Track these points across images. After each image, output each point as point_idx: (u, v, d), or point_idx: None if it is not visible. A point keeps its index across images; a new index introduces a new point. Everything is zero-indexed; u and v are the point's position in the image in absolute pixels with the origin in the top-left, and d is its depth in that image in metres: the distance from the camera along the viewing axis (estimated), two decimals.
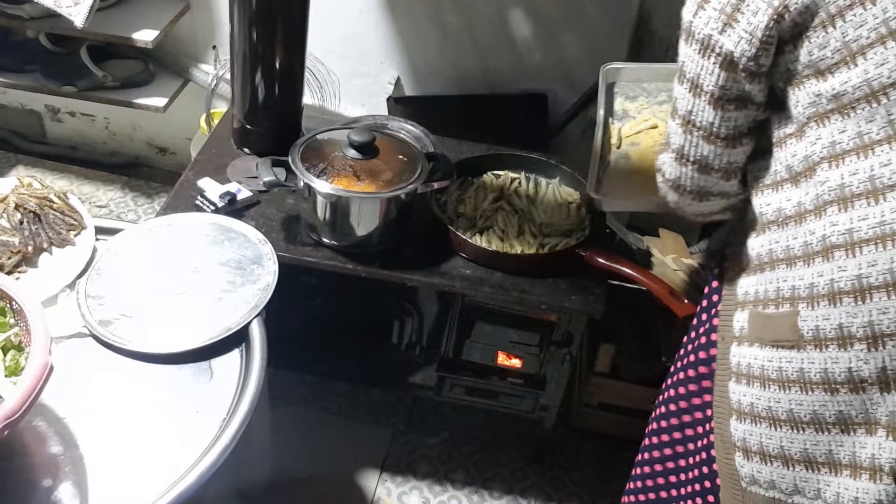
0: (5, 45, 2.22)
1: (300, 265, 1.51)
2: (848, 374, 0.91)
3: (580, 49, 1.99)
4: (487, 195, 1.64)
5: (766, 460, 1.02)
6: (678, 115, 1.00)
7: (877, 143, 0.86)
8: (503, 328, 1.60)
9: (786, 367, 0.96)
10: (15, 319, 1.02)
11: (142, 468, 1.04)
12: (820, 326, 0.92)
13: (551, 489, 1.85)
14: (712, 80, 0.94)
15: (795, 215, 0.95)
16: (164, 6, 2.12)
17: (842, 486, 0.96)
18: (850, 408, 0.93)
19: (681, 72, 0.98)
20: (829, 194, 0.90)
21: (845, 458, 0.95)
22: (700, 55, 0.93)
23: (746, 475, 1.06)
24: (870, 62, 0.84)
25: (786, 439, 0.99)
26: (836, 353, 0.91)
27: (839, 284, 0.89)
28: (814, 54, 0.88)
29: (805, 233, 0.93)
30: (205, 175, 1.65)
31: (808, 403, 0.95)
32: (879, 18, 0.83)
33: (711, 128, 0.97)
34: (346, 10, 2.04)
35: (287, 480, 1.78)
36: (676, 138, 1.01)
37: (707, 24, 0.91)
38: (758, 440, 1.02)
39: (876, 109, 0.85)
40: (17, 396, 0.88)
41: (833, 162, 0.89)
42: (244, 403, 1.12)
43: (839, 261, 0.89)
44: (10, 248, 1.29)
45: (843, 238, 0.89)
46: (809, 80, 0.90)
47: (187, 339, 1.20)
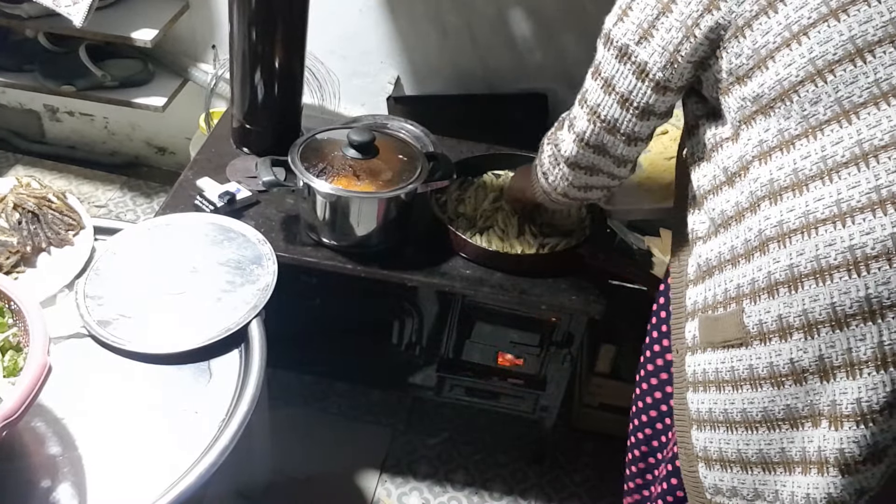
0: (4, 44, 2.21)
1: (300, 265, 1.51)
2: (791, 366, 0.93)
3: (580, 49, 1.99)
4: (487, 195, 1.63)
5: (726, 467, 1.04)
6: (587, 105, 1.08)
7: (796, 138, 0.90)
8: (503, 328, 1.59)
9: (737, 366, 0.99)
10: (13, 320, 1.02)
11: (141, 469, 1.04)
12: (762, 320, 0.94)
13: (551, 490, 1.84)
14: (624, 84, 1.02)
15: (735, 215, 0.99)
16: (164, 5, 2.12)
17: (795, 485, 0.98)
18: (796, 400, 0.94)
19: (596, 69, 1.06)
20: (760, 190, 0.94)
21: (796, 454, 0.97)
22: (617, 60, 1.02)
23: (710, 485, 1.08)
24: (779, 64, 0.90)
25: (742, 441, 1.01)
26: (779, 344, 0.93)
27: (775, 276, 0.92)
28: (732, 63, 0.94)
29: (745, 230, 0.97)
30: (204, 175, 1.64)
31: (758, 400, 0.97)
32: (783, 24, 0.89)
33: (615, 123, 1.07)
34: (346, 10, 2.04)
35: (286, 481, 1.78)
36: (581, 123, 1.10)
37: (625, 34, 1.00)
38: (717, 447, 1.04)
39: (790, 107, 0.90)
40: (16, 397, 0.88)
41: (762, 159, 0.94)
42: (243, 404, 1.11)
43: (773, 252, 0.92)
44: (8, 248, 1.29)
45: (776, 230, 0.92)
46: (734, 86, 0.96)
47: (186, 339, 1.19)
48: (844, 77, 0.86)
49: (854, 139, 0.86)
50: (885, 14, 0.85)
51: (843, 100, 0.87)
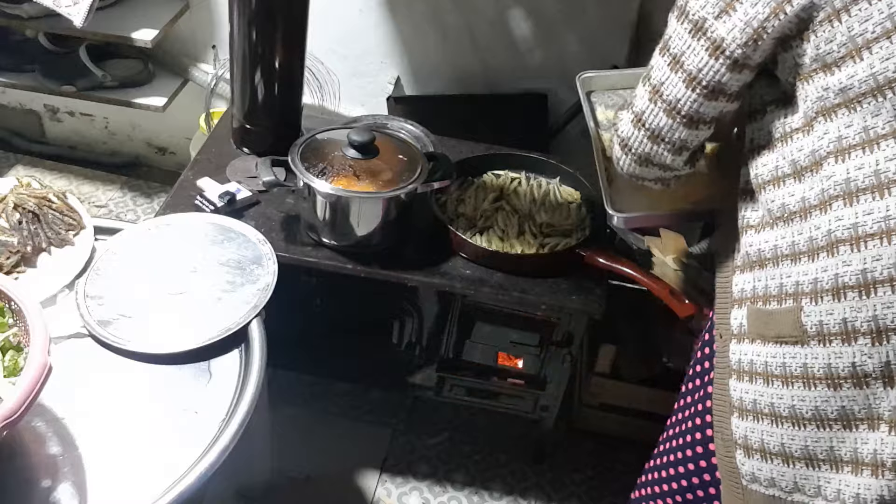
0: (4, 44, 2.21)
1: (300, 265, 1.51)
2: (852, 369, 0.91)
3: (580, 49, 1.99)
4: (487, 195, 1.63)
5: (766, 458, 1.02)
6: (649, 83, 1.01)
7: (882, 138, 0.86)
8: (503, 328, 1.59)
9: (789, 363, 0.96)
10: (14, 319, 1.02)
11: (141, 469, 1.04)
12: (824, 321, 0.92)
13: (552, 489, 1.84)
14: (695, 61, 0.94)
15: (800, 210, 0.95)
16: (164, 6, 2.12)
17: (843, 483, 0.96)
18: (853, 403, 0.93)
19: (665, 43, 0.98)
20: (834, 189, 0.90)
21: (847, 454, 0.95)
22: (690, 35, 0.94)
23: (747, 473, 1.05)
24: (875, 56, 0.85)
25: (787, 436, 0.99)
26: (840, 347, 0.91)
27: (843, 279, 0.89)
28: (820, 48, 0.88)
29: (810, 228, 0.93)
30: (204, 175, 1.64)
31: (810, 399, 0.95)
32: (885, 13, 0.83)
33: (677, 104, 0.98)
34: (345, 10, 2.04)
35: (286, 481, 1.78)
36: (640, 102, 1.03)
37: (704, 6, 0.92)
38: (759, 437, 1.02)
39: (881, 104, 0.86)
40: (16, 397, 0.88)
41: (839, 156, 0.89)
42: (243, 404, 1.11)
43: (844, 255, 0.89)
44: (8, 248, 1.29)
45: (848, 232, 0.89)
46: (817, 74, 0.90)
47: (187, 339, 1.19)
48: None
49: None
50: None
51: None
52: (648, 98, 1.01)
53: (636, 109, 1.03)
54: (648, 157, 1.06)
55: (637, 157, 1.07)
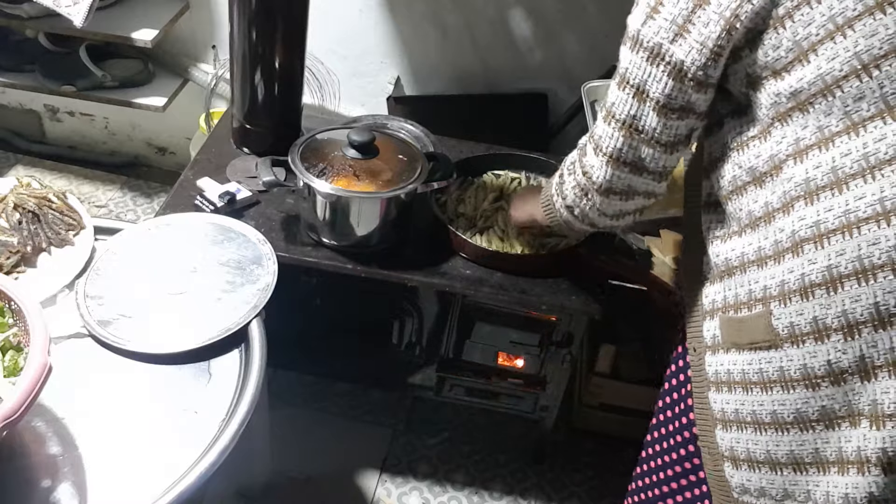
0: (4, 44, 2.21)
1: (300, 265, 1.51)
2: (828, 367, 0.91)
3: (580, 48, 1.99)
4: (487, 195, 1.63)
5: (754, 467, 1.02)
6: (616, 120, 1.00)
7: (836, 135, 0.88)
8: (503, 328, 1.59)
9: (766, 368, 0.97)
10: (14, 319, 1.02)
11: (141, 469, 1.04)
12: (794, 322, 0.92)
13: (552, 490, 1.84)
14: (659, 87, 0.95)
15: (764, 216, 0.96)
16: (164, 6, 2.12)
17: (830, 485, 0.96)
18: (833, 401, 0.93)
19: (623, 77, 0.98)
20: (795, 190, 0.91)
21: (832, 454, 0.96)
22: (648, 63, 0.94)
23: (737, 485, 1.06)
24: (821, 58, 0.86)
25: (771, 443, 0.99)
26: (814, 346, 0.91)
27: (810, 277, 0.90)
28: (769, 55, 0.90)
29: (775, 231, 0.94)
30: (204, 175, 1.64)
31: (790, 402, 0.95)
32: (826, 15, 0.85)
33: (654, 133, 0.98)
34: (345, 10, 2.04)
35: (286, 481, 1.78)
36: (612, 142, 1.01)
37: (657, 33, 0.93)
38: (745, 447, 1.02)
39: (832, 102, 0.87)
40: (16, 397, 0.88)
41: (797, 158, 0.91)
42: (243, 404, 1.11)
43: (809, 254, 0.90)
44: (8, 248, 1.29)
45: (811, 231, 0.90)
46: (768, 80, 0.91)
47: (186, 339, 1.19)
48: (890, 72, 0.84)
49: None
50: None
51: (888, 96, 0.84)
52: (621, 134, 1.00)
53: (609, 149, 1.02)
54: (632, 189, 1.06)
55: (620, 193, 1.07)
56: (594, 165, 1.06)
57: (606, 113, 1.01)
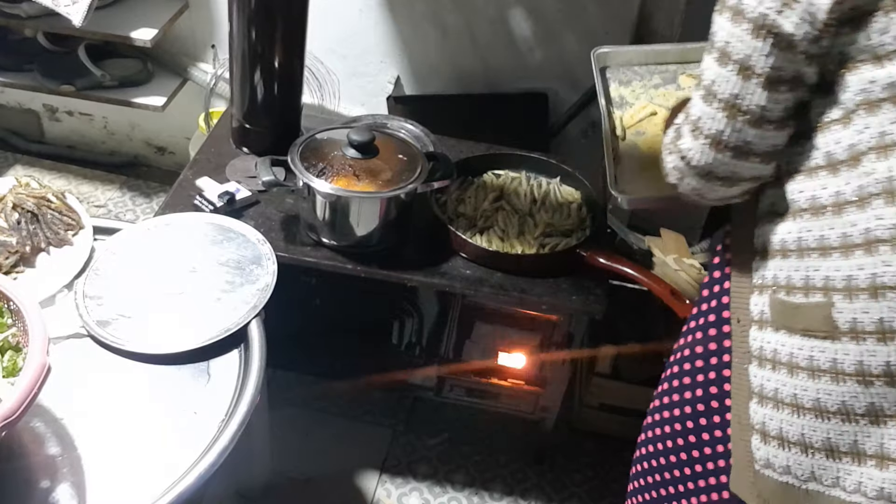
0: (3, 43, 2.21)
1: (299, 265, 1.50)
2: (886, 368, 0.90)
3: (580, 48, 1.98)
4: (487, 195, 1.63)
5: (784, 446, 1.01)
6: (717, 99, 0.93)
7: None
8: (503, 328, 1.59)
9: (817, 357, 0.95)
10: (13, 320, 1.01)
11: (140, 469, 1.03)
12: (858, 319, 0.90)
13: (552, 490, 1.84)
14: (768, 62, 0.88)
15: (833, 205, 0.92)
16: (163, 5, 2.11)
17: (865, 476, 0.95)
18: (884, 400, 0.91)
19: (722, 52, 0.91)
20: (874, 186, 0.87)
21: (871, 448, 0.94)
22: (752, 36, 0.87)
23: (761, 458, 1.04)
24: None
25: (808, 427, 0.97)
26: (875, 346, 0.89)
27: (882, 279, 0.87)
28: (872, 39, 0.85)
29: (845, 224, 0.91)
30: (203, 174, 1.64)
31: (837, 394, 0.93)
32: None
33: (762, 111, 0.91)
34: (345, 10, 2.04)
35: (286, 481, 1.78)
36: (713, 123, 0.94)
37: (762, 2, 0.86)
38: (777, 425, 1.01)
39: None
40: (15, 397, 0.88)
41: (881, 153, 0.87)
42: (243, 404, 1.11)
43: (884, 255, 0.87)
44: (7, 248, 1.28)
45: (890, 233, 0.86)
46: (865, 65, 0.86)
47: (186, 339, 1.19)
48: None
49: None
50: None
51: None
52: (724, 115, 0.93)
53: (710, 131, 0.95)
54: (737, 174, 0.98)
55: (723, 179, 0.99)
56: (692, 149, 0.98)
57: (706, 92, 0.94)
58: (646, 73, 1.54)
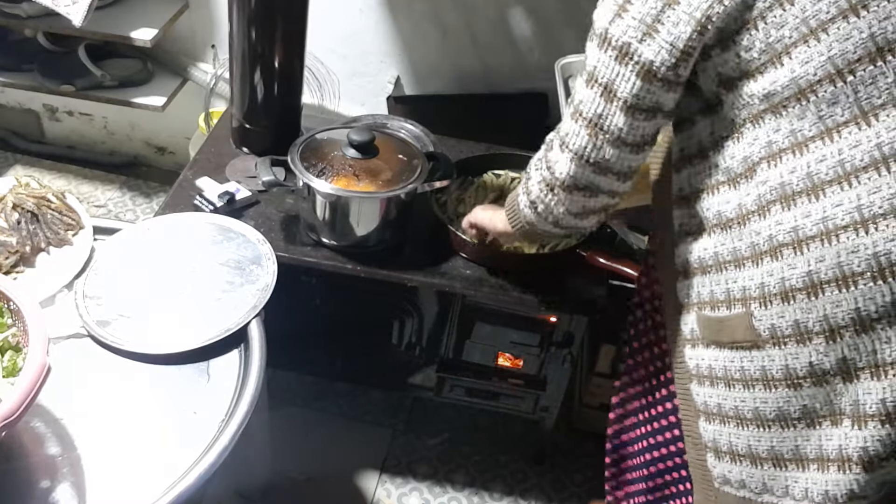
0: (3, 43, 2.21)
1: (299, 265, 1.51)
2: (809, 368, 0.92)
3: (580, 48, 1.98)
4: (488, 195, 1.63)
5: (735, 460, 1.03)
6: (583, 118, 0.98)
7: (810, 140, 0.87)
8: (503, 328, 1.59)
9: (748, 367, 0.97)
10: (12, 320, 1.01)
11: (140, 469, 1.03)
12: (776, 324, 0.93)
13: (552, 490, 1.84)
14: (627, 87, 0.92)
15: (737, 217, 0.95)
16: (163, 5, 2.11)
17: (809, 481, 0.97)
18: (815, 401, 0.93)
19: (591, 75, 0.95)
20: (770, 194, 0.91)
21: (812, 452, 0.96)
22: (616, 62, 0.92)
23: (718, 475, 1.07)
24: (795, 61, 0.85)
25: (753, 438, 1.00)
26: (796, 348, 0.92)
27: (790, 282, 0.90)
28: (741, 56, 0.88)
29: (750, 233, 0.94)
30: (203, 174, 1.64)
31: (772, 401, 0.96)
32: (799, 18, 0.84)
33: (620, 133, 0.96)
34: (345, 10, 2.04)
35: (286, 481, 1.78)
36: (578, 140, 0.99)
37: (626, 32, 0.90)
38: (727, 440, 1.03)
39: (806, 107, 0.86)
40: (15, 397, 0.88)
41: (771, 161, 0.90)
42: (243, 404, 1.11)
43: (788, 259, 0.90)
44: (7, 248, 1.29)
45: (790, 236, 0.89)
46: (740, 81, 0.90)
47: (186, 339, 1.19)
48: (864, 77, 0.82)
49: (873, 142, 0.83)
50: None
51: (861, 101, 0.83)
52: (587, 133, 0.98)
53: (574, 147, 1.00)
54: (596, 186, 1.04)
55: (584, 190, 1.04)
56: (558, 161, 1.04)
57: (574, 110, 0.99)
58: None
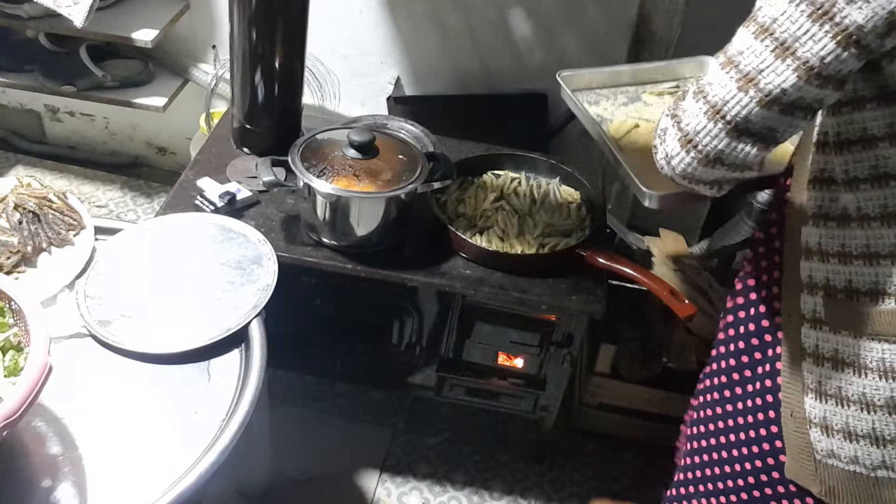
0: (5, 44, 2.21)
1: (300, 265, 1.51)
2: None
3: (580, 49, 1.99)
4: (487, 195, 1.63)
5: (852, 439, 1.00)
6: (737, 69, 0.86)
7: None
8: (503, 328, 1.59)
9: (889, 358, 0.94)
10: (14, 320, 1.02)
11: (141, 469, 1.04)
12: None
13: (552, 490, 1.84)
14: (815, 49, 0.81)
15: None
16: (164, 6, 2.12)
17: None
18: None
19: (764, 27, 0.84)
20: None
21: None
22: (810, 18, 0.80)
23: (824, 449, 1.03)
24: None
25: (880, 422, 0.97)
26: None
27: None
28: None
29: None
30: (204, 175, 1.64)
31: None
32: None
33: (781, 95, 0.84)
34: (346, 10, 2.04)
35: (286, 481, 1.78)
36: (721, 91, 0.88)
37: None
38: (843, 420, 1.00)
39: None
40: (17, 397, 0.88)
41: None
42: (243, 404, 1.11)
43: None
44: (9, 248, 1.29)
45: None
46: None
47: (186, 339, 1.19)
48: None
49: None
50: None
51: None
52: (737, 87, 0.86)
53: (713, 99, 0.88)
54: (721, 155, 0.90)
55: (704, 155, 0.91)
56: (688, 111, 0.92)
57: (727, 59, 0.88)
58: (610, 94, 1.55)
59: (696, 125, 0.90)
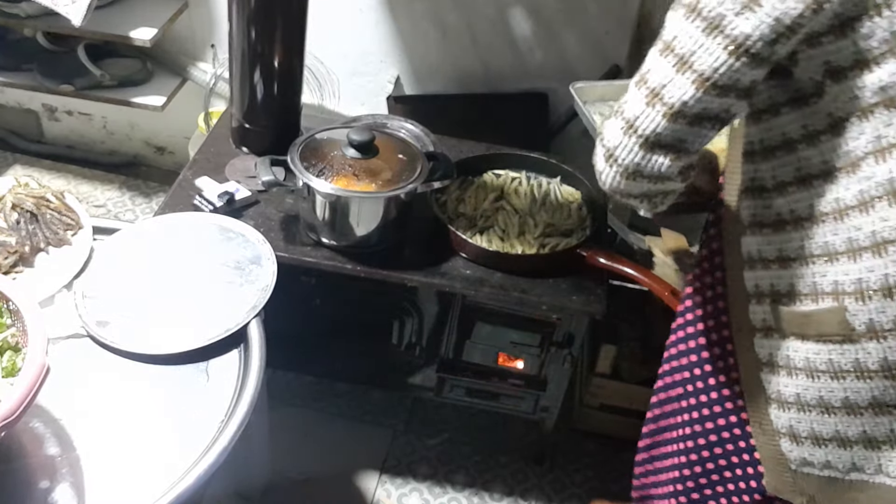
0: (2, 43, 2.21)
1: (299, 265, 1.50)
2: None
3: (581, 48, 1.99)
4: (488, 195, 1.63)
5: (819, 444, 1.01)
6: (646, 86, 0.90)
7: None
8: (504, 329, 1.59)
9: (837, 359, 0.95)
10: (12, 320, 1.01)
11: (139, 469, 1.03)
12: (874, 319, 0.91)
13: (552, 490, 1.84)
14: (709, 61, 0.85)
15: (833, 212, 0.92)
16: (163, 4, 2.11)
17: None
18: None
19: (667, 44, 0.89)
20: (875, 189, 0.88)
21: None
22: (703, 33, 0.85)
23: (797, 458, 1.04)
24: None
25: (842, 424, 0.98)
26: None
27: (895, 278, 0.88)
28: (858, 45, 0.83)
29: (848, 229, 0.91)
30: (203, 174, 1.64)
31: (866, 390, 0.94)
32: None
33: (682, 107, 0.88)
34: (346, 10, 2.03)
35: (286, 482, 1.77)
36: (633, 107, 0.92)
37: (721, 3, 0.83)
38: (808, 426, 1.01)
39: None
40: (15, 398, 0.88)
41: (878, 156, 0.87)
42: (242, 404, 1.11)
43: (893, 256, 0.88)
44: (6, 248, 1.28)
45: None
46: (852, 72, 0.86)
47: (185, 339, 1.19)
48: None
49: None
50: None
51: None
52: (646, 102, 0.90)
53: (627, 115, 0.93)
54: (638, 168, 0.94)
55: (624, 168, 0.95)
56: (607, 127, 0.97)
57: (640, 78, 0.92)
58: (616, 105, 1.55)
59: (615, 141, 0.95)
